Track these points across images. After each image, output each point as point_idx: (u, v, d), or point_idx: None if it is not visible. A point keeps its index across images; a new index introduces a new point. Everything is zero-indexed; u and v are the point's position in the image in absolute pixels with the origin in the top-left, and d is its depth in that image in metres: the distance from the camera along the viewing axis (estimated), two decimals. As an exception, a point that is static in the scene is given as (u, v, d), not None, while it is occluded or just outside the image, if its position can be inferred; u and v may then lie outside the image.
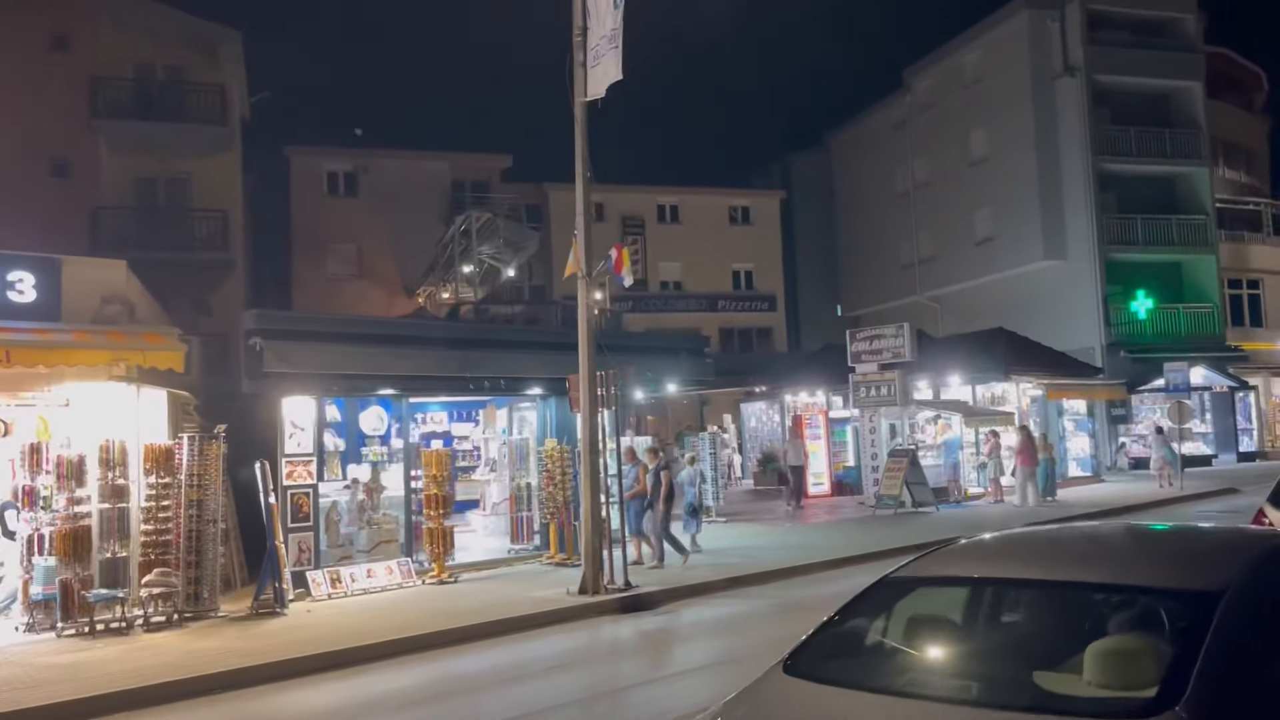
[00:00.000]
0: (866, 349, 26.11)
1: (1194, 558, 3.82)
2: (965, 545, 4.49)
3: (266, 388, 15.04)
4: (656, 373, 21.50)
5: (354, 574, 15.46)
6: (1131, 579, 3.61)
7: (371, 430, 16.72)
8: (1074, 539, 4.47)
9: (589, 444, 14.80)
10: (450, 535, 16.41)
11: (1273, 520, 8.43)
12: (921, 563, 4.36)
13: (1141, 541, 4.24)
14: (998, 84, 40.55)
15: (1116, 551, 4.02)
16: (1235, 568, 3.50)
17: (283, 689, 10.45)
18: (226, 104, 28.33)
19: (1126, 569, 3.73)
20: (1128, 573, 3.68)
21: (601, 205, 46.72)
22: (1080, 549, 4.15)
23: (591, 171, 15.26)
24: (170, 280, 25.22)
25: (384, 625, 12.68)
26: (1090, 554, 4.02)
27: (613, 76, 14.34)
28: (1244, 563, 3.55)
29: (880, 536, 19.73)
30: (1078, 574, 3.75)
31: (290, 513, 15.12)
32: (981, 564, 4.15)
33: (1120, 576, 3.64)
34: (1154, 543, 4.18)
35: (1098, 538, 4.46)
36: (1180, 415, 26.76)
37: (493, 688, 10.27)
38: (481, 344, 17.83)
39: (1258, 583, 3.47)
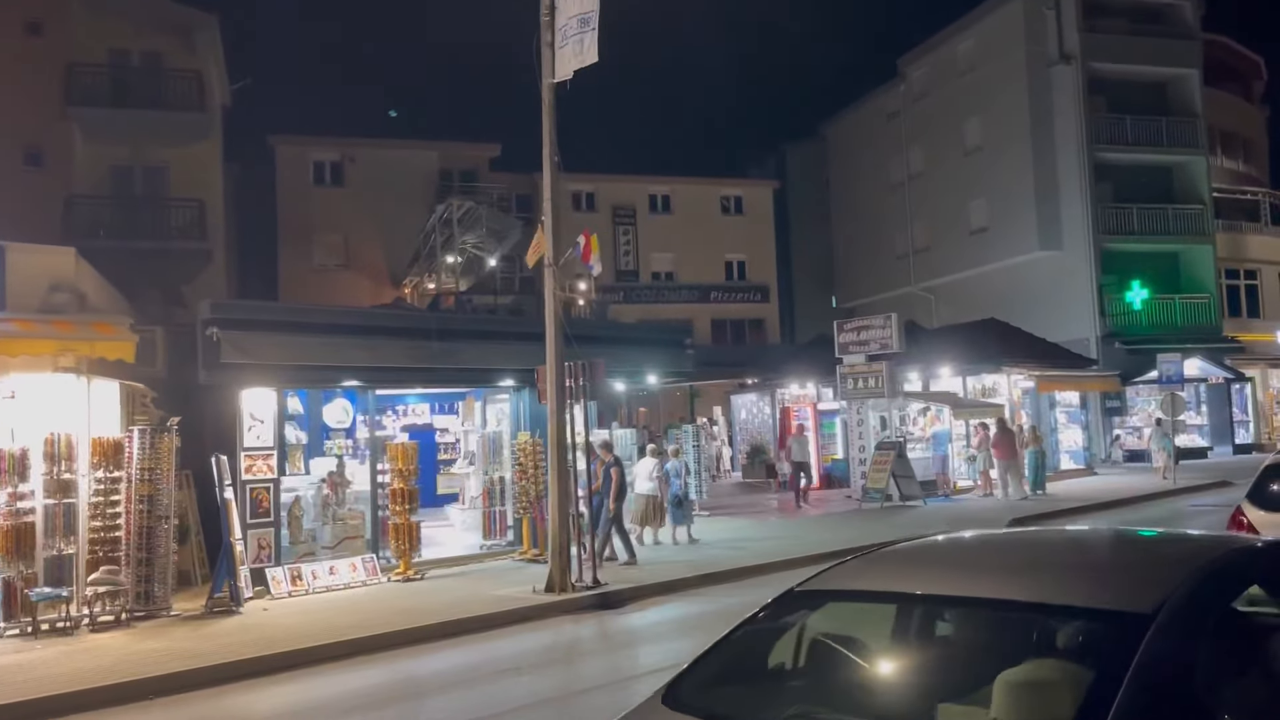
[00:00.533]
0: (854, 340, 25.64)
1: (1127, 572, 3.37)
2: (884, 553, 4.06)
3: (224, 379, 14.60)
4: (637, 364, 21.08)
5: (316, 571, 15.04)
6: (1053, 596, 3.16)
7: (336, 423, 16.30)
8: (1002, 548, 4.02)
9: (556, 437, 14.36)
10: (417, 531, 15.98)
11: (1251, 519, 7.98)
12: (835, 572, 3.92)
13: (1075, 552, 3.79)
14: (992, 72, 40.03)
15: (1044, 564, 3.56)
16: (1171, 585, 3.06)
17: (225, 693, 10.03)
18: (204, 91, 27.85)
19: (1050, 585, 3.28)
20: (1050, 589, 3.23)
21: (592, 195, 46.37)
22: (1006, 560, 3.70)
23: (560, 157, 14.81)
24: (147, 270, 24.88)
25: (339, 625, 12.26)
26: (1015, 566, 3.57)
27: (588, 59, 13.89)
28: (1182, 579, 3.11)
29: (863, 531, 19.29)
30: (995, 590, 3.30)
31: (249, 508, 14.70)
32: (896, 576, 3.70)
33: (1040, 594, 3.19)
34: (1087, 553, 3.73)
35: (1029, 547, 4.00)
36: (1173, 407, 26.27)
37: (439, 692, 9.84)
38: (452, 334, 17.35)
39: (1196, 603, 3.02)
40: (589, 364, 14.53)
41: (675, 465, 19.81)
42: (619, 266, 46.33)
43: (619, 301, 44.50)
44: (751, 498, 27.82)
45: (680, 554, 17.78)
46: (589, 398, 14.74)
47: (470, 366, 17.12)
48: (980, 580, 3.43)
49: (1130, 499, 23.89)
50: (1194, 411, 35.25)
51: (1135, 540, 4.02)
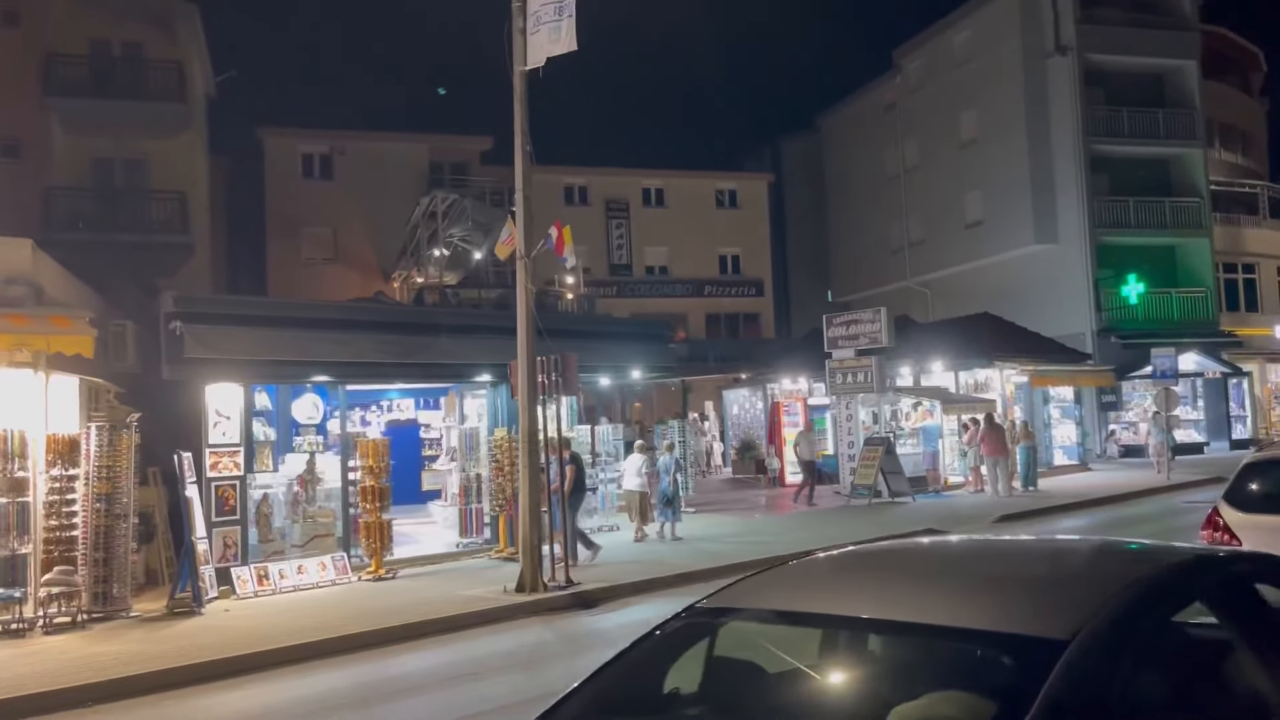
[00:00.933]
0: (843, 334, 25.28)
1: (1048, 592, 3.01)
2: (794, 566, 3.72)
3: (188, 374, 14.27)
4: (620, 359, 20.76)
5: (283, 570, 14.71)
6: (958, 619, 2.81)
7: (306, 419, 15.94)
8: (921, 561, 3.67)
9: (527, 434, 14.02)
10: (388, 529, 15.66)
11: (1228, 521, 7.63)
12: (740, 587, 3.58)
13: (998, 567, 3.43)
14: (988, 64, 39.63)
15: (960, 581, 3.21)
16: (1092, 606, 2.71)
17: (170, 699, 9.70)
18: (185, 82, 27.48)
19: (960, 606, 2.94)
20: (959, 611, 2.89)
21: (585, 188, 46.01)
22: (920, 576, 3.35)
23: (532, 146, 14.44)
24: (127, 264, 24.55)
25: (300, 627, 11.94)
26: (928, 583, 3.22)
27: (565, 47, 13.51)
28: (1106, 600, 2.76)
29: (846, 529, 18.96)
30: (899, 611, 2.95)
31: (215, 506, 14.38)
32: (800, 594, 3.36)
33: (946, 616, 2.84)
34: (1011, 569, 3.37)
35: (951, 561, 3.65)
36: (1167, 402, 25.92)
37: (389, 699, 9.49)
38: (427, 329, 17.04)
39: (1119, 627, 2.68)
40: (561, 358, 14.18)
41: (666, 461, 19.58)
42: (612, 260, 45.98)
43: (612, 296, 44.15)
44: (740, 494, 27.47)
45: (662, 552, 17.46)
46: (562, 393, 14.37)
47: (445, 361, 16.79)
48: (886, 599, 3.09)
49: (1122, 495, 23.55)
50: (1190, 406, 34.92)
51: (1068, 553, 3.66)
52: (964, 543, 4.27)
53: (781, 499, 25.81)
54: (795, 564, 3.79)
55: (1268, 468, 8.15)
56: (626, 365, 20.70)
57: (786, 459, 28.34)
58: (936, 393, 26.52)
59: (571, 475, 14.98)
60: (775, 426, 28.89)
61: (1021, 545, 3.95)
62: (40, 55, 26.11)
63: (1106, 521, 20.33)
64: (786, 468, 28.28)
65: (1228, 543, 7.50)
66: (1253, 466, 8.13)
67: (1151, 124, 37.59)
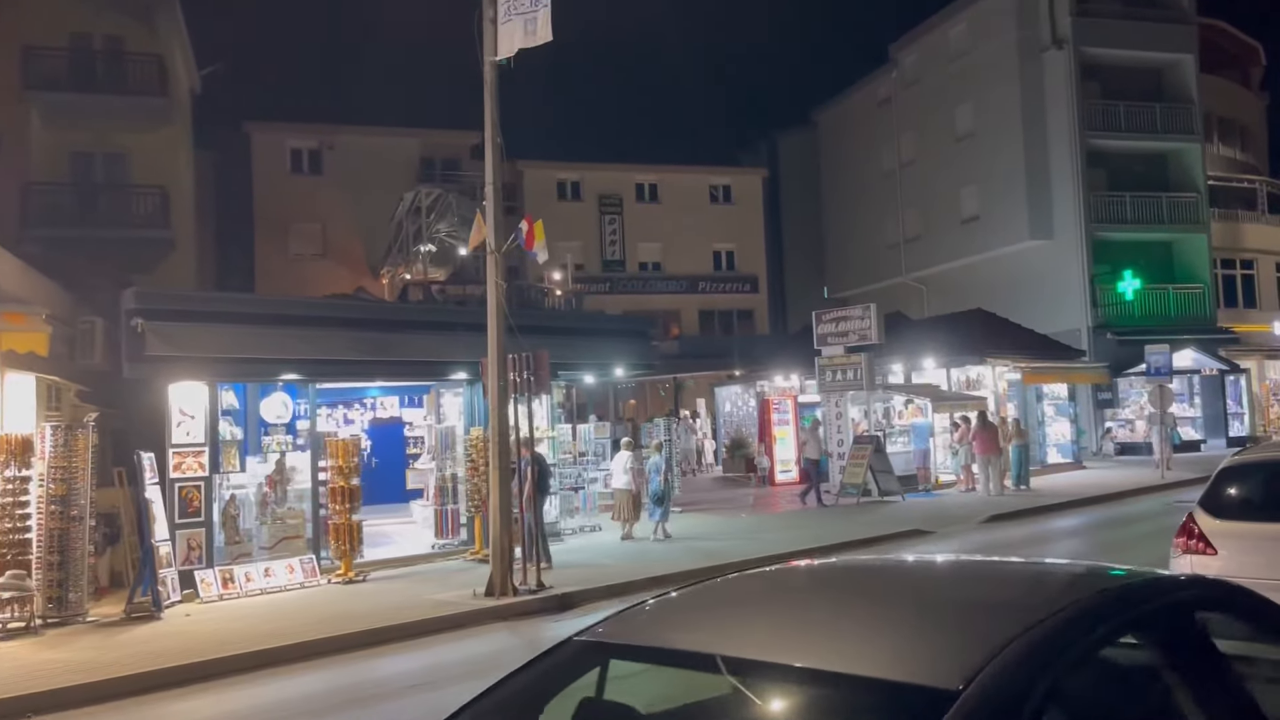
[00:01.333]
0: (833, 331, 24.93)
1: (949, 627, 2.64)
2: (686, 594, 3.35)
3: (151, 372, 13.91)
4: (602, 356, 20.39)
5: (249, 573, 14.36)
6: (840, 663, 2.45)
7: (275, 418, 15.55)
8: (822, 587, 3.30)
9: (498, 433, 13.67)
10: (358, 531, 15.30)
11: (1203, 528, 7.25)
12: (624, 618, 3.22)
13: (903, 594, 3.07)
14: (984, 57, 39.24)
15: (854, 615, 2.84)
16: (994, 647, 2.35)
17: (110, 710, 9.35)
18: (167, 75, 27.07)
19: (846, 643, 2.58)
20: (842, 651, 2.53)
21: (578, 184, 45.66)
22: (816, 605, 2.99)
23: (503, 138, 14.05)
24: (108, 260, 24.20)
25: (258, 633, 11.59)
26: (819, 617, 2.86)
27: (540, 38, 13.16)
28: (1013, 638, 2.40)
29: (831, 529, 18.63)
30: (780, 651, 2.58)
31: (179, 507, 14.01)
32: (685, 626, 2.98)
33: (828, 659, 2.48)
34: (917, 599, 3.01)
35: (851, 585, 3.29)
36: (1162, 399, 25.54)
37: (334, 711, 9.14)
38: (400, 325, 16.69)
39: (1025, 671, 2.32)
40: (533, 356, 13.82)
41: (656, 460, 19.34)
42: (605, 257, 45.64)
43: (605, 292, 43.81)
44: (729, 493, 27.11)
45: (647, 552, 17.13)
46: (534, 391, 14.00)
47: (419, 359, 16.43)
48: (773, 635, 2.72)
49: (1116, 494, 23.19)
50: (1187, 403, 34.53)
51: (984, 579, 3.29)
52: (878, 565, 3.89)
53: (770, 498, 25.46)
54: (693, 590, 3.42)
55: (1246, 472, 7.77)
56: (608, 363, 20.34)
57: (777, 457, 28.02)
58: (927, 390, 26.17)
59: (533, 475, 14.57)
60: (765, 424, 28.52)
61: (937, 569, 3.57)
62: (18, 48, 25.70)
63: (1098, 521, 19.99)
64: (776, 466, 27.95)
65: (1203, 551, 7.14)
66: (1230, 470, 7.75)
67: (1149, 118, 37.20)
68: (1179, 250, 37.74)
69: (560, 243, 43.21)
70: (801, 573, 3.79)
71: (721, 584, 3.46)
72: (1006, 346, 28.02)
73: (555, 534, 18.63)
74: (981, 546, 17.14)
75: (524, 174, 44.53)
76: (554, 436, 19.26)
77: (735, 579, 3.53)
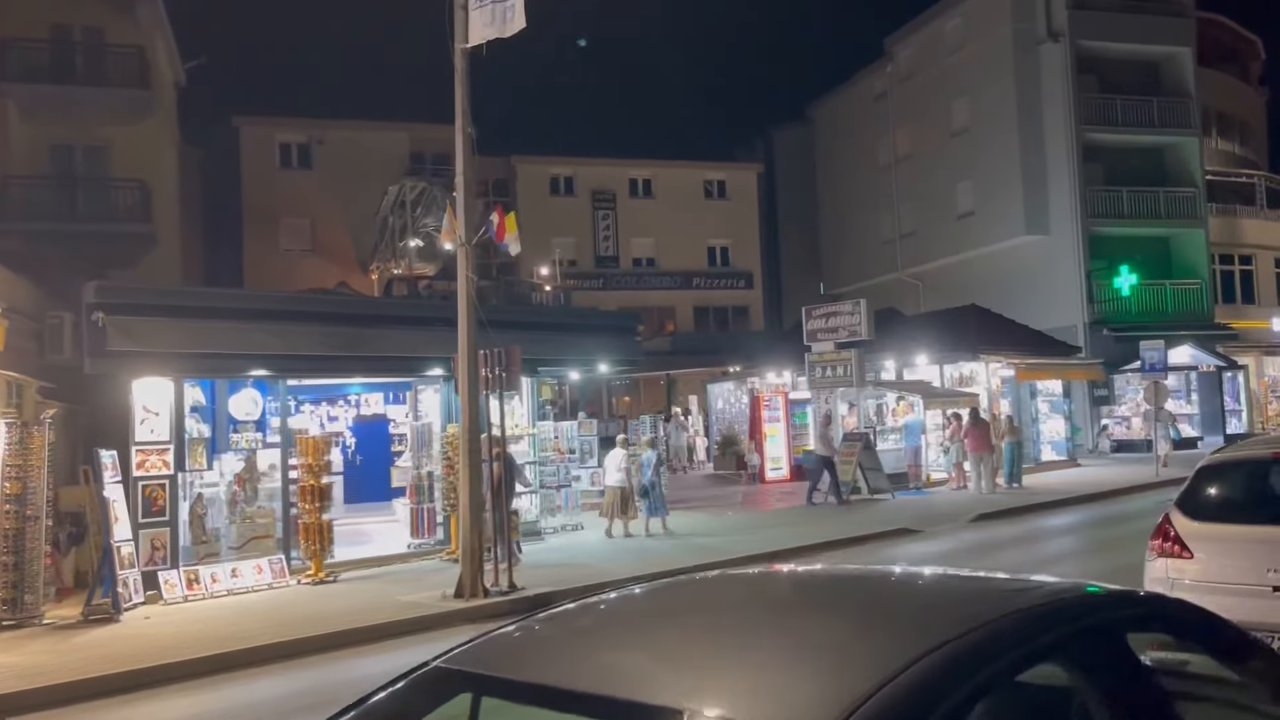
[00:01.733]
0: (823, 327, 24.61)
1: (837, 654, 2.29)
2: (559, 614, 3.01)
3: (113, 368, 13.57)
4: (586, 352, 20.05)
5: (215, 574, 14.02)
6: (696, 699, 2.10)
7: (244, 415, 15.20)
8: (701, 608, 2.94)
9: (468, 430, 13.32)
10: (329, 530, 14.95)
11: (1179, 530, 6.89)
12: (488, 642, 2.87)
13: (794, 613, 2.72)
14: (980, 51, 38.84)
15: (743, 635, 2.51)
16: (875, 681, 2.01)
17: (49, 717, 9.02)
18: (148, 67, 26.67)
19: (710, 677, 2.24)
20: (703, 686, 2.18)
21: (571, 179, 45.32)
22: (686, 630, 2.63)
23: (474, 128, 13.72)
24: (87, 254, 23.88)
25: (216, 636, 11.26)
26: (691, 639, 2.51)
27: (512, 28, 12.81)
28: (900, 669, 2.06)
29: (817, 529, 18.29)
30: (633, 686, 2.23)
31: (142, 506, 13.67)
32: (546, 655, 2.63)
33: (683, 695, 2.13)
34: (812, 615, 2.67)
35: (744, 602, 2.95)
36: (1156, 396, 25.18)
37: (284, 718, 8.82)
38: (374, 320, 16.35)
39: (912, 708, 1.98)
40: (505, 351, 13.48)
41: (649, 457, 19.10)
42: (598, 253, 45.29)
43: (598, 288, 43.48)
44: (718, 490, 26.77)
45: (624, 551, 16.83)
46: (505, 387, 13.66)
47: (392, 355, 16.07)
48: (638, 664, 2.38)
49: (1109, 492, 22.82)
50: (1184, 400, 34.14)
51: (897, 594, 2.94)
52: (786, 578, 3.52)
53: (760, 496, 25.13)
54: (560, 611, 3.08)
55: (1225, 471, 7.40)
56: (592, 358, 20.00)
57: (767, 455, 27.70)
58: (918, 387, 25.81)
59: (498, 473, 14.20)
60: (756, 421, 28.18)
61: (848, 583, 3.22)
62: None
63: (1089, 520, 19.65)
64: (767, 464, 27.62)
65: (1178, 554, 6.79)
66: (1208, 470, 7.38)
67: (1146, 112, 36.79)
68: (1176, 246, 37.36)
69: (553, 238, 43.06)
70: (698, 586, 3.44)
71: (599, 604, 3.12)
72: (1000, 343, 27.65)
73: (535, 533, 18.36)
74: (968, 546, 16.82)
75: (517, 169, 44.21)
76: (534, 434, 18.91)
77: (611, 599, 3.19)
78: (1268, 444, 8.14)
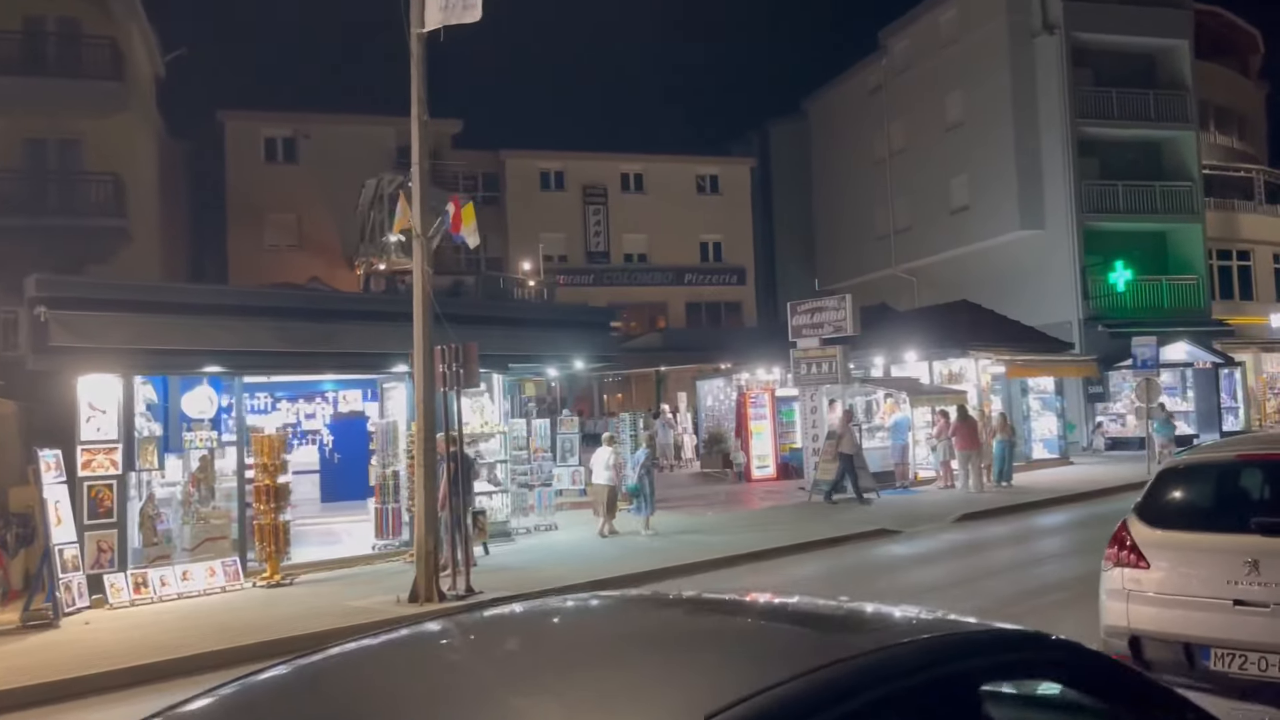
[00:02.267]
0: (808, 323, 24.09)
1: None
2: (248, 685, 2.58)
3: (58, 364, 13.12)
4: (561, 348, 19.56)
5: (165, 577, 13.56)
6: None
7: (198, 413, 14.75)
8: (478, 655, 2.51)
9: (423, 429, 12.88)
10: (284, 531, 14.50)
11: (1136, 538, 6.40)
12: None
13: (579, 671, 2.27)
14: (974, 44, 38.33)
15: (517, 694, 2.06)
16: None
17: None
18: (122, 58, 26.20)
19: None
20: None
21: (561, 173, 44.88)
22: (439, 693, 2.20)
23: (430, 114, 13.27)
24: (60, 249, 23.50)
25: (151, 644, 10.81)
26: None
27: (469, 16, 12.36)
28: None
29: (797, 529, 17.87)
30: None
31: (88, 508, 13.23)
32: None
33: None
34: (607, 666, 2.21)
35: (528, 648, 2.50)
36: (1148, 393, 24.67)
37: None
38: (335, 315, 15.86)
39: None
40: (463, 348, 13.03)
41: (639, 455, 18.81)
42: (589, 248, 44.84)
43: (589, 284, 43.02)
44: (703, 489, 26.32)
45: (596, 552, 16.38)
46: (463, 385, 13.21)
47: (354, 351, 15.59)
48: None
49: (1100, 490, 22.38)
50: (1179, 397, 33.62)
51: (717, 635, 2.47)
52: (599, 615, 3.02)
53: (744, 495, 24.68)
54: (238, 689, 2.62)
55: (1188, 475, 6.90)
56: (565, 354, 19.51)
57: (753, 452, 27.24)
58: (905, 384, 25.32)
59: (448, 473, 13.71)
60: (742, 418, 27.71)
61: (667, 621, 2.74)
62: (-34, 31, 24.92)
63: (1077, 519, 19.18)
64: (753, 462, 27.17)
65: (1134, 564, 6.31)
66: (1171, 473, 6.89)
67: (1142, 105, 36.30)
68: (1173, 241, 36.88)
69: (544, 234, 42.63)
70: (468, 628, 2.98)
71: (341, 659, 2.67)
72: (991, 338, 27.14)
73: (505, 534, 17.91)
74: (945, 547, 16.37)
75: (506, 163, 43.77)
76: (505, 432, 18.44)
77: (372, 648, 2.73)
78: (1234, 445, 7.65)
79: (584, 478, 22.94)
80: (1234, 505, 6.45)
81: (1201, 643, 5.87)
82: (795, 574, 14.74)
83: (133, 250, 26.48)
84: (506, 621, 2.96)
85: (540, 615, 3.00)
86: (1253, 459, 6.63)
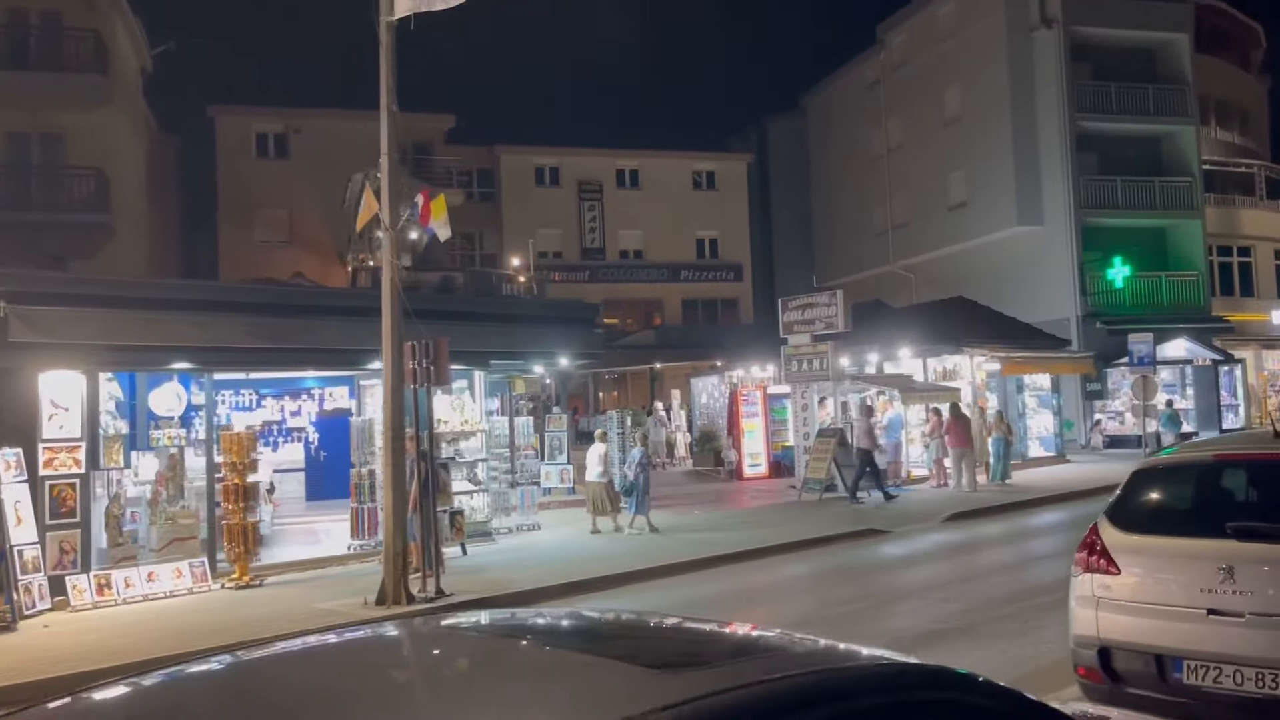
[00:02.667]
0: (799, 319, 23.75)
1: None
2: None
3: (18, 361, 12.80)
4: (545, 345, 19.23)
5: (129, 578, 13.24)
6: None
7: (166, 411, 14.43)
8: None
9: (391, 427, 12.54)
10: (253, 531, 14.17)
11: (1107, 542, 6.05)
12: None
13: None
14: (972, 38, 37.98)
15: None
16: None
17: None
18: (106, 51, 25.86)
19: None
20: None
21: (556, 169, 44.55)
22: None
23: (399, 105, 12.96)
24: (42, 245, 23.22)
25: (103, 649, 10.49)
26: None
27: (440, 4, 12.06)
28: None
29: (784, 529, 17.49)
30: None
31: (50, 507, 12.91)
32: None
33: None
34: None
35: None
36: (1145, 390, 24.32)
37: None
38: (308, 311, 15.55)
39: None
40: (433, 344, 12.71)
41: (636, 453, 18.52)
42: (584, 244, 44.51)
43: (584, 280, 42.70)
44: (693, 487, 26.01)
45: (575, 553, 16.06)
46: (433, 382, 12.88)
47: (326, 347, 15.26)
48: None
49: (1095, 489, 21.80)
50: (1178, 394, 33.22)
51: (582, 671, 2.18)
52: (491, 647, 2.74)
53: (734, 493, 24.35)
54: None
55: (1163, 476, 6.55)
56: (548, 350, 19.18)
57: (745, 450, 26.92)
58: (897, 381, 24.95)
59: (420, 474, 13.39)
60: (734, 416, 27.37)
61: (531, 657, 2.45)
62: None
63: (1070, 519, 18.78)
64: (745, 460, 26.85)
65: (1104, 569, 5.96)
66: (1144, 475, 6.53)
67: (1141, 100, 35.92)
68: (1172, 236, 36.51)
69: (539, 230, 42.28)
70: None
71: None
72: (986, 335, 26.77)
73: (485, 533, 17.59)
74: (932, 548, 16.04)
75: (500, 159, 43.44)
76: (485, 430, 18.12)
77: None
78: (1212, 445, 7.30)
79: (572, 476, 22.69)
80: (1210, 509, 6.11)
81: (1174, 654, 5.53)
82: (778, 575, 14.44)
83: (117, 245, 26.17)
84: (436, 635, 2.72)
85: (461, 634, 2.74)
86: (1231, 459, 6.29)
